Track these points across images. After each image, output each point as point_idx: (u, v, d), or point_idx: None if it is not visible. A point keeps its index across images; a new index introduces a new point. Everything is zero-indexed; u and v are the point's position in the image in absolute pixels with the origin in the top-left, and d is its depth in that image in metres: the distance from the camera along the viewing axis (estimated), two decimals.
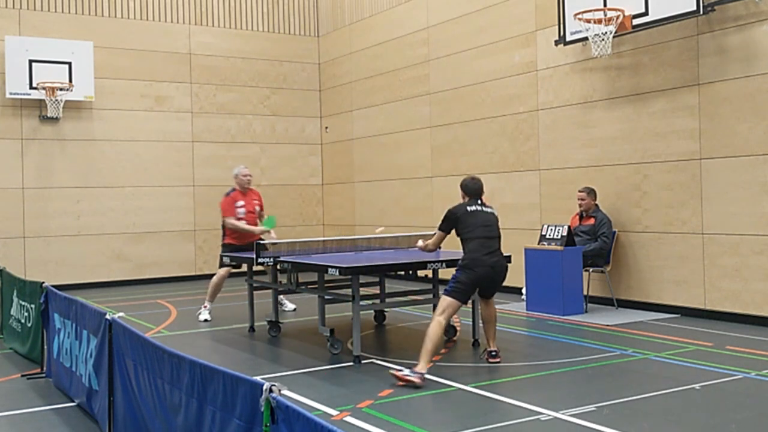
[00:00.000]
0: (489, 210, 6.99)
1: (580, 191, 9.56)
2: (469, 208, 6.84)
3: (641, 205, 9.37)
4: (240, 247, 9.26)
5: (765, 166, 8.09)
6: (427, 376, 6.20)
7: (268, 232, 9.31)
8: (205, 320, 9.40)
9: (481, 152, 11.73)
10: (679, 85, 8.90)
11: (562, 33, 9.90)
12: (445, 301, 6.48)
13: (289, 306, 10.20)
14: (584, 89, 10.06)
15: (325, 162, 15.71)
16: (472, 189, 7.07)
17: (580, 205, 9.57)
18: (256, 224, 9.53)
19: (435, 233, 6.94)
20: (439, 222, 6.90)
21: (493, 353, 6.77)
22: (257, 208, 9.64)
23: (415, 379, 5.92)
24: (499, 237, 6.88)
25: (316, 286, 7.57)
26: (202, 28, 14.58)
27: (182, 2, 14.39)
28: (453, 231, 6.82)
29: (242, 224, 9.35)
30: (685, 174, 8.87)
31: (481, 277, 6.58)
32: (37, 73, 12.73)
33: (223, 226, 9.56)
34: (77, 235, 13.29)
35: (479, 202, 7.00)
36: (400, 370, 6.04)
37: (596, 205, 9.56)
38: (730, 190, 8.41)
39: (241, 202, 9.44)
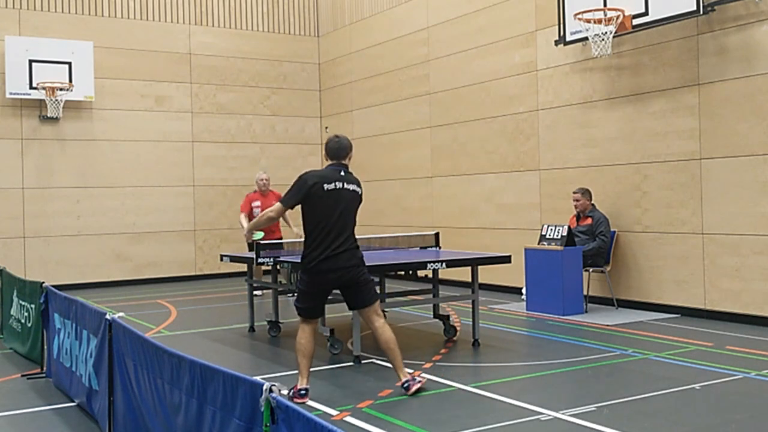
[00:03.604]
0: (352, 188, 5.62)
1: (574, 192, 9.58)
2: (326, 186, 5.49)
3: (641, 205, 9.37)
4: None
5: (765, 166, 8.09)
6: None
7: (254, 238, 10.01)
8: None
9: (481, 152, 11.73)
10: (679, 85, 8.90)
11: (562, 33, 9.90)
12: (299, 317, 5.66)
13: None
14: (584, 89, 10.06)
15: (325, 162, 15.67)
16: (333, 149, 5.69)
17: (576, 206, 9.58)
18: (275, 224, 10.10)
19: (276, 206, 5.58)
20: (285, 192, 5.61)
21: (406, 384, 5.55)
22: None
23: (299, 399, 5.42)
24: (353, 225, 5.62)
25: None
26: (202, 28, 14.59)
27: (182, 2, 14.39)
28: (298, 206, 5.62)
29: (243, 220, 10.44)
30: (685, 174, 8.87)
31: (320, 282, 5.52)
32: (37, 73, 12.73)
33: None
34: (77, 235, 13.29)
35: (342, 172, 5.64)
36: (288, 390, 5.52)
37: (593, 205, 9.57)
38: (730, 190, 8.41)
39: (257, 202, 10.59)
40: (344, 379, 6.30)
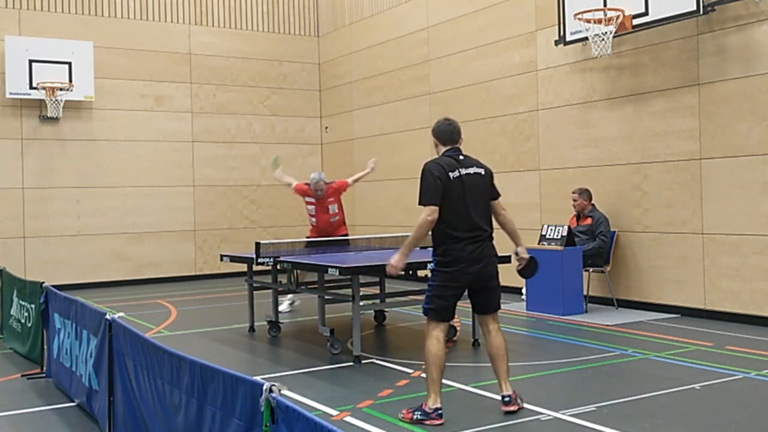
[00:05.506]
0: (475, 170, 5.14)
1: (572, 192, 9.58)
2: (451, 175, 5.02)
3: (641, 205, 9.37)
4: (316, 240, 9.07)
5: (765, 166, 8.09)
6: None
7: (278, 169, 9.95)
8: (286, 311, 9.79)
9: (481, 152, 11.67)
10: (679, 85, 8.90)
11: (562, 33, 9.90)
12: (429, 323, 5.14)
13: (285, 306, 9.90)
14: (584, 89, 10.06)
15: (325, 162, 15.70)
16: (447, 132, 5.21)
17: (574, 206, 9.58)
18: (330, 225, 9.59)
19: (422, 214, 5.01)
20: (420, 194, 5.04)
21: (507, 399, 5.11)
22: (333, 207, 9.67)
23: (433, 421, 4.92)
24: (488, 212, 5.18)
25: (316, 286, 7.56)
26: (202, 28, 14.58)
27: (182, 2, 14.39)
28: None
29: (286, 178, 9.99)
30: (685, 174, 8.87)
31: (461, 276, 5.08)
32: (37, 73, 12.73)
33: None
34: (77, 235, 13.29)
35: (460, 156, 5.16)
36: (411, 412, 5.02)
37: (592, 205, 9.57)
38: (730, 190, 8.41)
39: (311, 200, 9.58)
40: (344, 379, 6.30)
